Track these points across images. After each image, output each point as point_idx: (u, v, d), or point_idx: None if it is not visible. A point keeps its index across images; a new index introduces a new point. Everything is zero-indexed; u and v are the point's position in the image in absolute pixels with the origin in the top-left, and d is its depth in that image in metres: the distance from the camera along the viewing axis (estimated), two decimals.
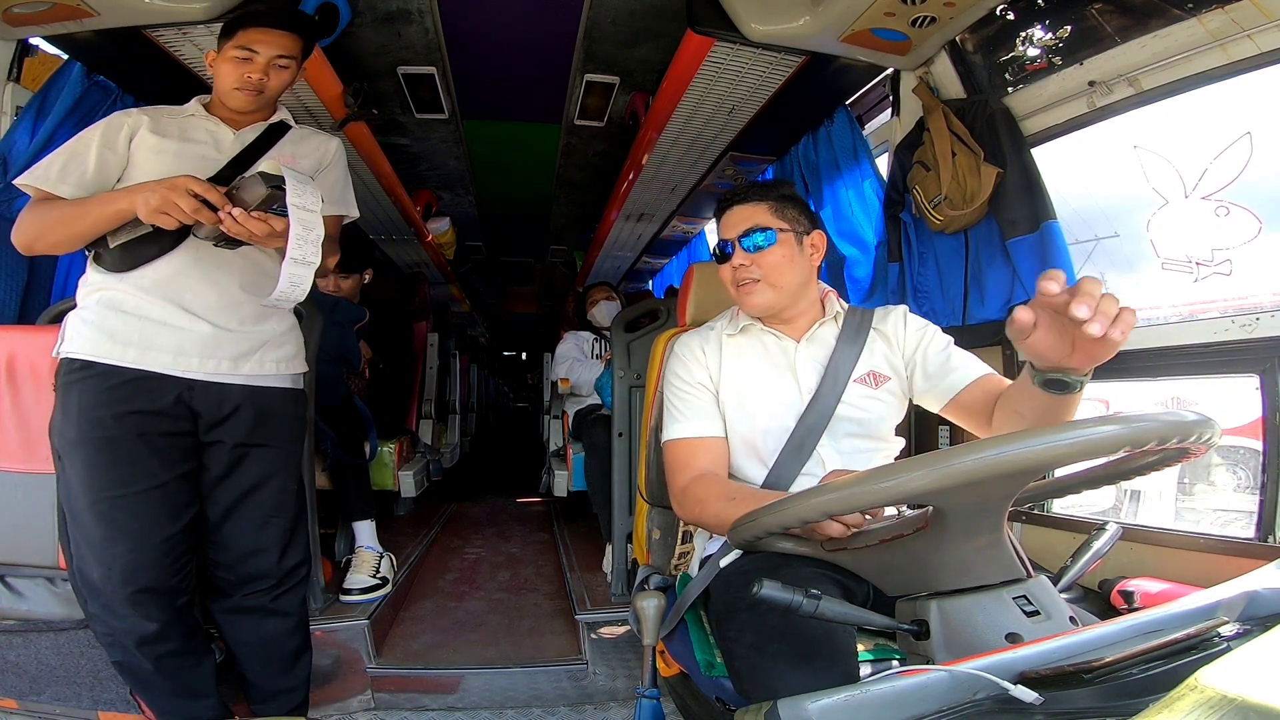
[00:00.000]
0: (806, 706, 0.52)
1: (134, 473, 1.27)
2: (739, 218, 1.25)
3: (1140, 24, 1.55)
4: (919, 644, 0.76)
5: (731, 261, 1.25)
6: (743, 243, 1.23)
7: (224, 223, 1.19)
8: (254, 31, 1.37)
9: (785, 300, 1.25)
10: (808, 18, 1.88)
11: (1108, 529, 0.91)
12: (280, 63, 1.40)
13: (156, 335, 1.30)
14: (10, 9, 1.70)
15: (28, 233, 1.30)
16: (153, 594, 1.28)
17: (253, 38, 1.37)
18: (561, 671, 1.94)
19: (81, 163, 1.31)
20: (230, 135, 1.43)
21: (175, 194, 1.18)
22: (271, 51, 1.38)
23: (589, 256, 4.98)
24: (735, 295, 1.28)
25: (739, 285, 1.25)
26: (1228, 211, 1.52)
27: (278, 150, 1.44)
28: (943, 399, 1.19)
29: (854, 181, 2.42)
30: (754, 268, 1.22)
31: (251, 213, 1.19)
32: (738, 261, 1.24)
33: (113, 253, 1.30)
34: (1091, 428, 0.59)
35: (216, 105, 1.45)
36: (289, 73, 1.43)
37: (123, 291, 1.31)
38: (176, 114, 1.43)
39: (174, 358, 1.31)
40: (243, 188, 1.19)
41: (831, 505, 0.66)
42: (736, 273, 1.24)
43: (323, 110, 2.36)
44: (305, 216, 1.17)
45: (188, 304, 1.32)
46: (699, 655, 1.07)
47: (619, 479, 2.16)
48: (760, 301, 1.24)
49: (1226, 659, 0.44)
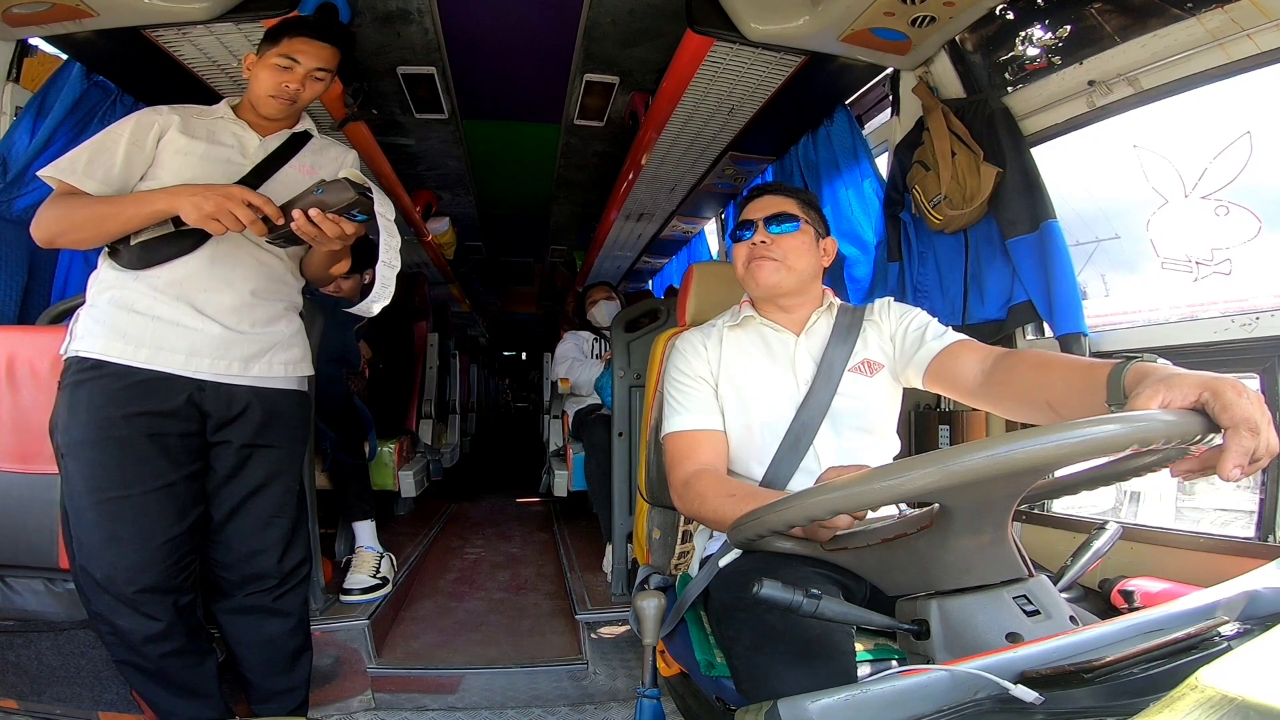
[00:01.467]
0: (806, 706, 0.52)
1: (141, 473, 1.28)
2: (768, 204, 1.29)
3: (1140, 23, 1.55)
4: (919, 644, 0.76)
5: (752, 239, 1.27)
6: (768, 224, 1.26)
7: (297, 221, 1.21)
8: (299, 41, 1.38)
9: (793, 284, 1.27)
10: (807, 17, 1.88)
11: (1108, 529, 0.91)
12: (318, 74, 1.41)
13: (168, 336, 1.31)
14: (10, 9, 1.70)
15: (50, 228, 1.28)
16: (156, 593, 1.29)
17: (297, 47, 1.38)
18: (562, 671, 1.94)
19: (109, 158, 1.30)
20: (256, 141, 1.43)
21: (232, 203, 1.20)
22: (312, 63, 1.39)
23: (589, 256, 4.98)
24: (744, 273, 1.29)
25: (752, 260, 1.27)
26: (1227, 211, 1.52)
27: (299, 159, 1.45)
28: (920, 369, 1.19)
29: (854, 181, 2.42)
30: (774, 247, 1.25)
31: (329, 215, 1.21)
32: (759, 239, 1.26)
33: (132, 250, 1.30)
34: (1101, 426, 0.59)
35: (245, 109, 1.45)
36: (322, 85, 1.44)
37: (135, 291, 1.31)
38: (206, 115, 1.43)
39: (186, 358, 1.32)
40: (328, 190, 1.22)
41: (839, 503, 0.65)
42: (754, 249, 1.27)
43: (322, 110, 2.36)
44: (389, 225, 1.27)
45: (200, 305, 1.33)
46: (699, 655, 1.07)
47: (619, 479, 2.16)
48: (772, 279, 1.25)
49: (1226, 659, 0.44)
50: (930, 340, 1.19)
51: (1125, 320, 1.85)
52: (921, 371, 1.19)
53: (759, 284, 1.27)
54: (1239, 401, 0.63)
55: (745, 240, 1.29)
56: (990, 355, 1.09)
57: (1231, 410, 0.63)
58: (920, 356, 1.19)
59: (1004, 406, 1.06)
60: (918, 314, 1.26)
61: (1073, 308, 1.66)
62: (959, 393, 1.13)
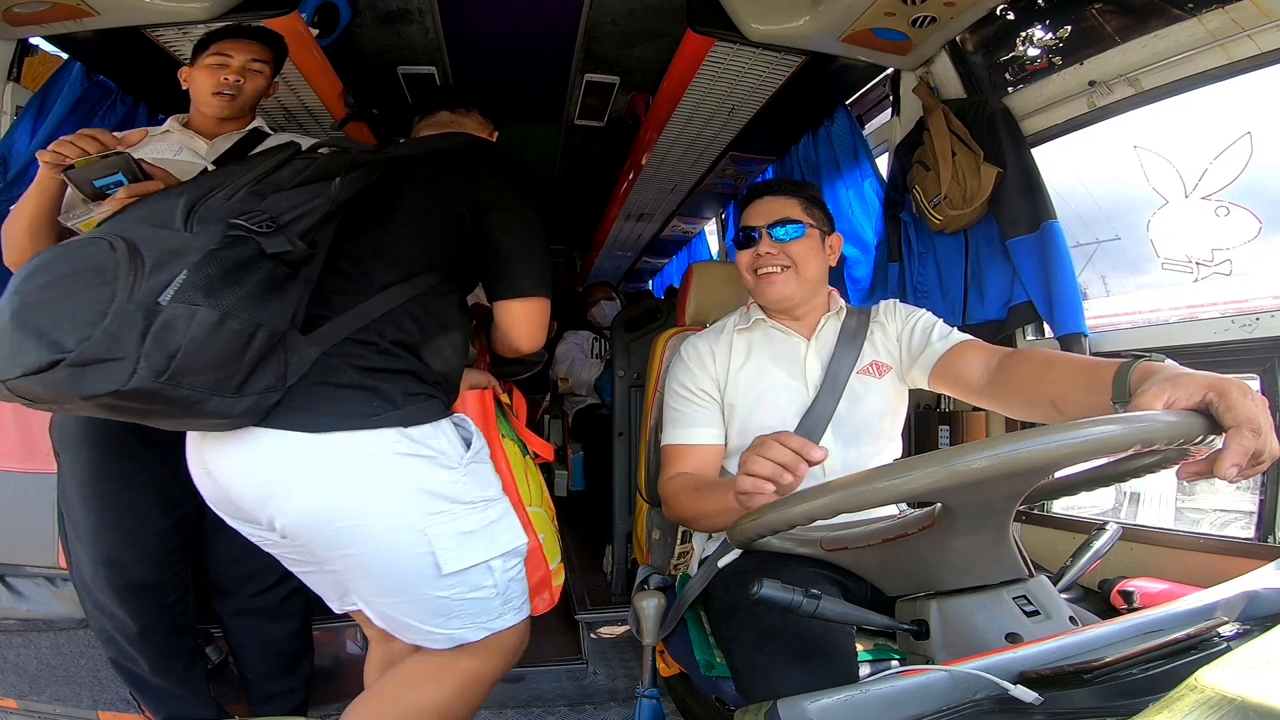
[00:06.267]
0: (806, 706, 0.52)
1: (126, 466, 1.27)
2: (770, 208, 1.25)
3: (1140, 24, 1.55)
4: (919, 644, 0.76)
5: (756, 248, 1.24)
6: (772, 232, 1.23)
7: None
8: (227, 42, 1.43)
9: (805, 293, 1.25)
10: (808, 18, 1.88)
11: (1108, 529, 0.91)
12: (254, 66, 1.45)
13: None
14: (10, 9, 1.70)
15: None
16: (140, 589, 1.29)
17: (225, 47, 1.43)
18: (561, 671, 1.94)
19: None
20: (204, 145, 1.44)
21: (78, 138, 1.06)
22: (245, 55, 1.43)
23: (589, 256, 4.98)
24: (752, 283, 1.26)
25: (759, 272, 1.24)
26: (1228, 212, 1.52)
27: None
28: (926, 369, 1.19)
29: (854, 181, 2.41)
30: (781, 256, 1.22)
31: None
32: (764, 249, 1.23)
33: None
34: (1103, 426, 0.59)
35: (196, 119, 1.47)
36: (263, 78, 1.48)
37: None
38: (152, 138, 1.42)
39: None
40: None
41: (840, 503, 0.65)
42: (760, 260, 1.23)
43: (323, 110, 2.36)
44: None
45: None
46: (698, 655, 1.07)
47: (619, 479, 2.16)
48: (783, 292, 1.23)
49: (1226, 659, 0.44)
50: (936, 341, 1.19)
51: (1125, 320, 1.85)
52: (927, 372, 1.19)
53: (768, 297, 1.25)
54: (1243, 402, 0.63)
55: (748, 248, 1.25)
56: (996, 355, 1.09)
57: (1235, 411, 0.63)
58: (926, 357, 1.19)
59: (1009, 406, 1.06)
60: (923, 315, 1.26)
61: (1073, 308, 1.66)
62: (964, 393, 1.13)
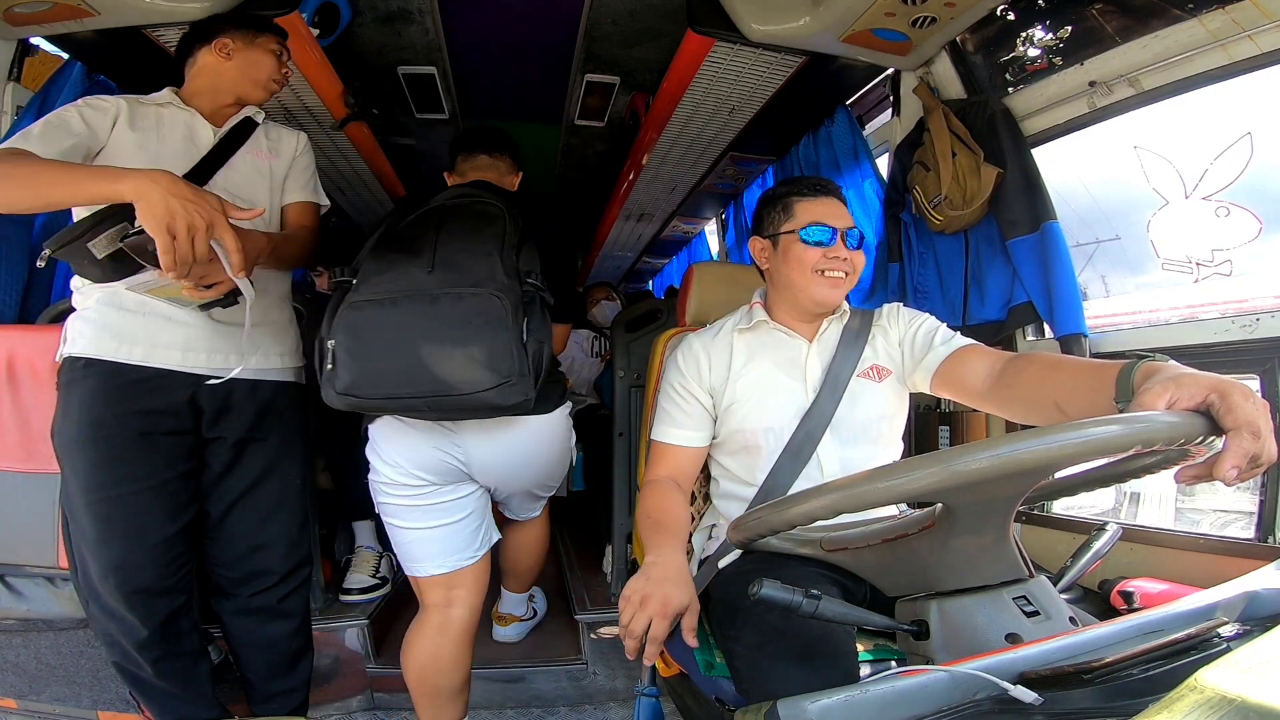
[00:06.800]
0: (806, 707, 0.52)
1: (133, 472, 1.27)
2: (839, 212, 1.25)
3: (1141, 24, 1.55)
4: (919, 644, 0.76)
5: (829, 249, 1.21)
6: (848, 236, 1.23)
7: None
8: (276, 37, 1.45)
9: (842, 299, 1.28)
10: (808, 18, 1.88)
11: (1108, 529, 0.91)
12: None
13: (162, 332, 1.29)
14: (10, 9, 1.70)
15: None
16: (149, 594, 1.28)
17: (278, 41, 1.44)
18: (561, 671, 1.94)
19: (64, 128, 1.21)
20: (209, 130, 1.40)
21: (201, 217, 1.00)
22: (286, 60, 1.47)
23: (589, 256, 4.98)
24: (810, 280, 1.22)
25: (828, 274, 1.22)
26: (1228, 212, 1.52)
27: (253, 144, 1.44)
28: (929, 373, 1.19)
29: (854, 182, 2.41)
30: (847, 263, 1.23)
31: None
32: (841, 254, 1.22)
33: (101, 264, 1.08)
34: (1104, 426, 0.59)
35: (203, 95, 1.40)
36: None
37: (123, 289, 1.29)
38: (148, 102, 1.38)
39: (182, 354, 1.30)
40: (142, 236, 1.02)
41: (841, 503, 0.65)
42: (831, 262, 1.22)
43: (323, 110, 2.36)
44: None
45: None
46: (699, 655, 1.07)
47: (619, 479, 2.15)
48: (839, 297, 1.24)
49: (1226, 659, 0.44)
50: (939, 345, 1.19)
51: (1126, 321, 1.85)
52: (930, 376, 1.19)
53: (829, 300, 1.23)
54: (1245, 405, 0.63)
55: (819, 246, 1.21)
56: (1000, 359, 1.09)
57: (1236, 413, 0.63)
58: (929, 361, 1.19)
59: (1012, 409, 1.06)
60: (926, 319, 1.26)
61: (1073, 308, 1.66)
62: (967, 396, 1.13)
